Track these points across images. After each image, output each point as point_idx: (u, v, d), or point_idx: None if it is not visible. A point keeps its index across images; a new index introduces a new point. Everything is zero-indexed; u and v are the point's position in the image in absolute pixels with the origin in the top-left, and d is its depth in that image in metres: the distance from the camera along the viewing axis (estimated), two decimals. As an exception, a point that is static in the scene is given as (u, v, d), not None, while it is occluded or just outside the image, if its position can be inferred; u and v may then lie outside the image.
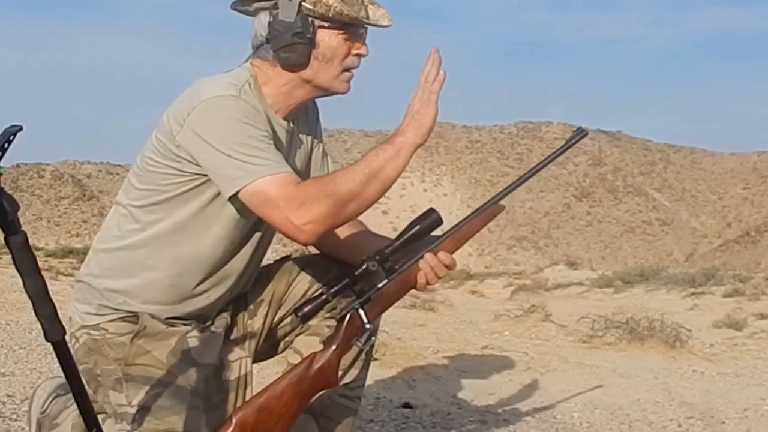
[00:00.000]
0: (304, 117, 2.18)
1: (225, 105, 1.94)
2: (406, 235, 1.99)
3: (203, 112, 1.93)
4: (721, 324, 7.41)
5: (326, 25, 2.00)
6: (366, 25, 2.04)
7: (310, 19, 1.99)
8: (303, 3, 1.98)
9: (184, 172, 1.99)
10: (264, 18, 2.02)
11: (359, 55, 2.05)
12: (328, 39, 2.01)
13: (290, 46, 2.00)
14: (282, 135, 2.07)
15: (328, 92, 2.09)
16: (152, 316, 2.07)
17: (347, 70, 2.05)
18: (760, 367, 5.10)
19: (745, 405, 3.94)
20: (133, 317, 2.08)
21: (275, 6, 2.00)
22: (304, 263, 2.24)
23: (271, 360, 2.36)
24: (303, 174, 2.18)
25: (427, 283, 2.04)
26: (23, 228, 1.41)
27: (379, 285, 1.99)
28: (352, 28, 2.02)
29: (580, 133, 2.05)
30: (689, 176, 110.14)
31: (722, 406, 3.91)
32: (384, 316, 2.23)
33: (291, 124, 2.11)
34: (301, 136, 2.16)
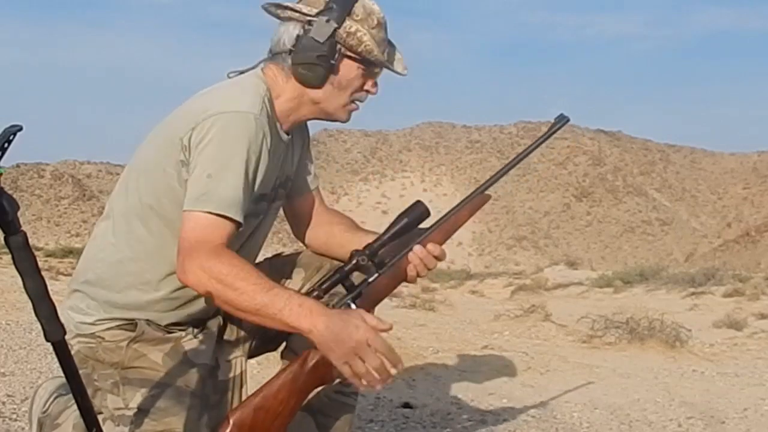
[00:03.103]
0: (298, 127, 2.20)
1: (241, 125, 1.94)
2: (395, 229, 2.00)
3: (218, 123, 1.93)
4: (721, 324, 7.41)
5: (351, 56, 2.02)
6: (385, 68, 2.07)
7: (338, 46, 2.00)
8: (338, 29, 1.99)
9: (180, 182, 1.98)
10: (293, 29, 2.02)
11: (368, 92, 2.08)
12: (347, 70, 2.03)
13: (311, 66, 2.01)
14: (281, 148, 2.09)
15: (329, 118, 2.12)
16: (149, 323, 2.07)
17: (357, 102, 2.09)
18: (760, 367, 5.09)
19: (745, 405, 3.94)
20: (130, 325, 2.07)
21: (310, 22, 2.00)
22: (296, 261, 2.25)
23: (270, 359, 2.35)
24: (293, 180, 2.21)
25: (418, 275, 2.05)
26: (23, 228, 1.40)
27: (370, 279, 2.00)
28: (372, 66, 2.05)
29: (562, 120, 2.05)
30: (689, 176, 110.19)
31: (722, 406, 3.90)
32: (384, 316, 2.22)
33: (289, 137, 2.13)
34: (296, 145, 2.19)
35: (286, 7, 2.03)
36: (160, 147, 2.02)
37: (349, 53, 2.01)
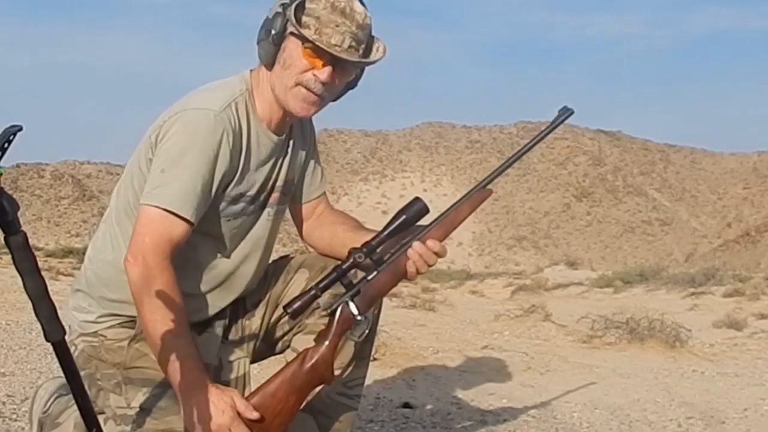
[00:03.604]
0: (299, 130, 2.19)
1: (198, 122, 1.95)
2: (393, 225, 1.98)
3: (178, 121, 1.96)
4: (721, 324, 7.41)
5: (296, 33, 1.98)
6: (320, 48, 1.97)
7: (288, 23, 1.99)
8: (289, 6, 1.98)
9: None
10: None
11: (316, 77, 1.99)
12: (292, 46, 2.00)
13: (261, 42, 2.03)
14: (267, 149, 2.08)
15: (286, 106, 2.05)
16: None
17: (306, 87, 2.00)
18: (760, 367, 5.10)
19: (745, 405, 3.94)
20: (131, 322, 2.08)
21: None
22: (301, 263, 2.25)
23: (272, 360, 2.36)
24: (296, 185, 2.21)
25: (417, 271, 2.03)
26: (23, 228, 1.40)
27: (369, 277, 1.99)
28: (317, 47, 1.98)
29: (566, 111, 2.02)
30: (689, 176, 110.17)
31: (722, 406, 3.90)
32: (384, 316, 2.23)
33: (285, 138, 2.12)
34: (296, 149, 2.18)
35: None
36: (140, 146, 2.05)
37: (292, 30, 1.99)
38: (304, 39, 1.97)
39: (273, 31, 1.99)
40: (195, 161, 1.94)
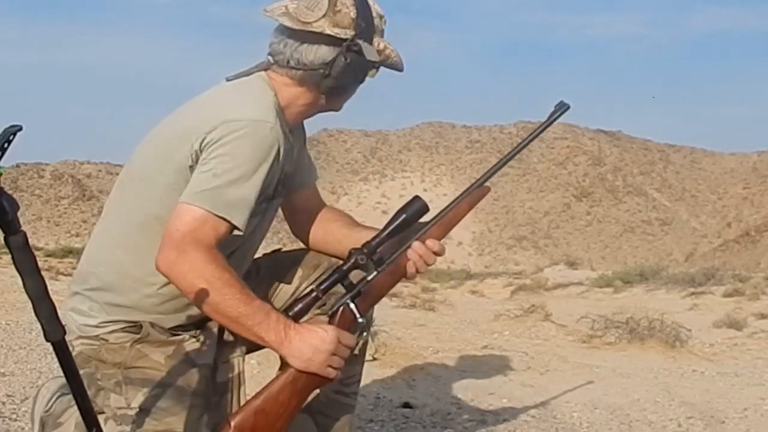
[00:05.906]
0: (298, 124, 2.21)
1: (257, 134, 1.94)
2: (393, 225, 1.99)
3: (235, 130, 1.92)
4: (721, 324, 7.41)
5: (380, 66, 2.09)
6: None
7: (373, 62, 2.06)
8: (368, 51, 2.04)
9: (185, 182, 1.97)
10: (327, 52, 2.02)
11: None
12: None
13: (347, 87, 2.08)
14: (287, 150, 2.09)
15: (334, 109, 2.16)
16: (153, 325, 2.07)
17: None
18: (760, 367, 5.09)
19: (745, 405, 3.94)
20: (134, 327, 2.07)
21: (349, 48, 2.01)
22: (294, 258, 2.25)
23: (271, 359, 2.36)
24: (294, 175, 2.21)
25: (417, 271, 2.04)
26: (23, 228, 1.40)
27: (369, 277, 1.99)
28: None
29: (563, 107, 2.02)
30: (689, 176, 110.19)
31: (722, 406, 3.90)
32: (384, 316, 2.23)
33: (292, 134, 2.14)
34: (295, 144, 2.18)
35: (307, 23, 2.01)
36: (165, 152, 2.00)
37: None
38: (381, 67, 2.08)
39: (362, 80, 2.07)
40: (253, 172, 1.93)
